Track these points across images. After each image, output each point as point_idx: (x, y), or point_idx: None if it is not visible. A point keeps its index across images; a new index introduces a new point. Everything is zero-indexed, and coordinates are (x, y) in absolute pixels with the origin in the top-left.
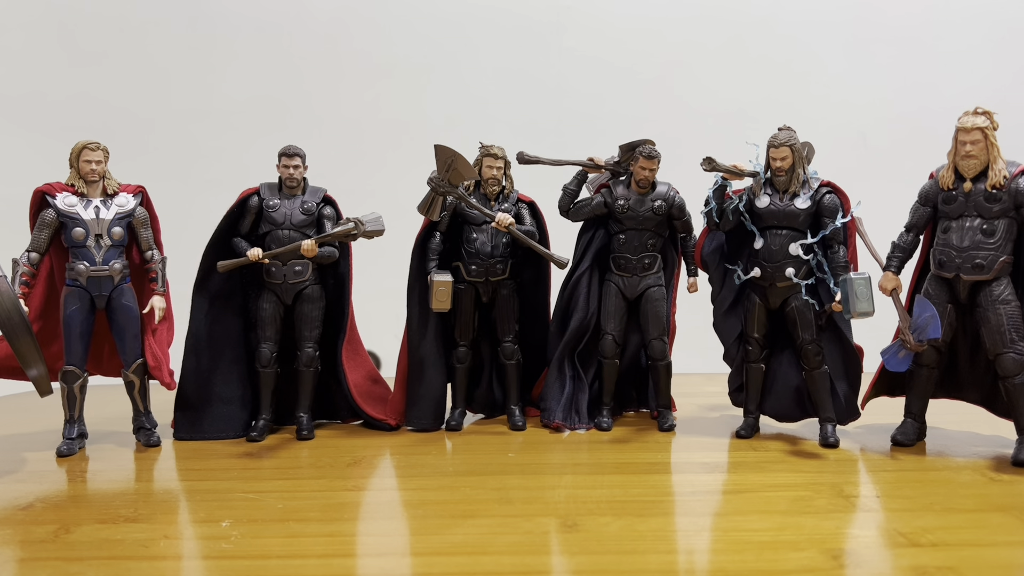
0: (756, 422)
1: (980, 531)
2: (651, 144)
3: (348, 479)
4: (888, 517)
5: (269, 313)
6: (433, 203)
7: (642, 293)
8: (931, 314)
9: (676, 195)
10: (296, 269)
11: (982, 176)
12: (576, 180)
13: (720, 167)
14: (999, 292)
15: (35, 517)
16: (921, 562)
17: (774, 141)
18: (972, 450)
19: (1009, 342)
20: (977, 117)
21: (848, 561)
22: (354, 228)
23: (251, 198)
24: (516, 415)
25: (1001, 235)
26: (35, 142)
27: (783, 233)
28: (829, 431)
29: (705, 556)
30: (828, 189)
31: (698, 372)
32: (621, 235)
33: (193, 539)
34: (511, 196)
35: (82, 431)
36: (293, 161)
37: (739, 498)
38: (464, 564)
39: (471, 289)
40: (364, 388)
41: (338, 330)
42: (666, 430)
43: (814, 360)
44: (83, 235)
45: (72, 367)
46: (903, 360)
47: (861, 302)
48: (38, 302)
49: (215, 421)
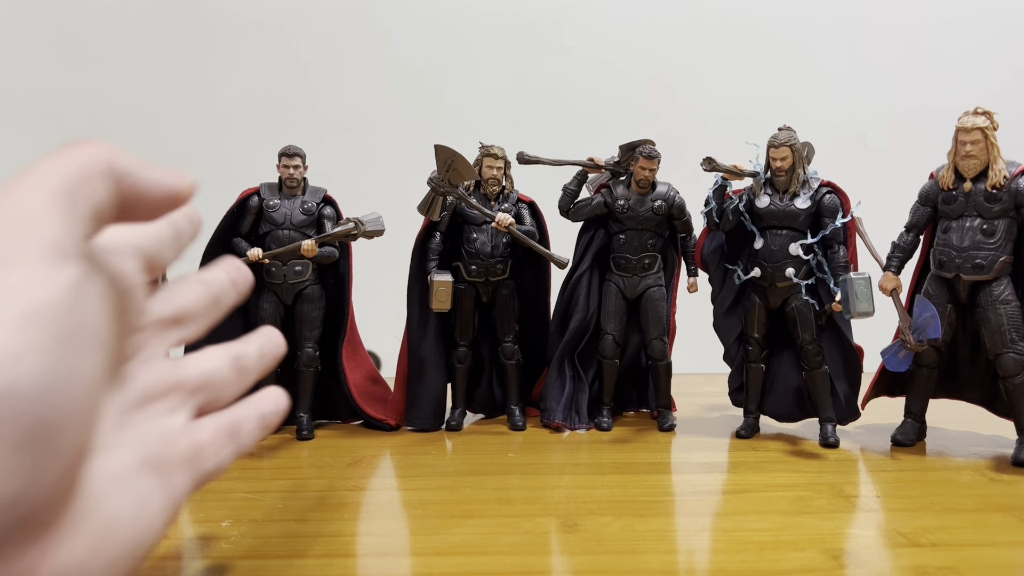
0: (756, 422)
1: (980, 531)
2: (651, 144)
3: (348, 479)
4: (888, 517)
5: (269, 313)
6: (433, 203)
7: (642, 293)
8: (931, 314)
9: (676, 195)
10: (296, 269)
11: (982, 176)
12: (576, 180)
13: (720, 167)
14: (999, 292)
15: None
16: (921, 562)
17: (774, 141)
18: (972, 450)
19: (1009, 342)
20: (977, 117)
21: (848, 561)
22: (354, 228)
23: (251, 198)
24: (516, 415)
25: (1001, 235)
26: (34, 142)
27: (783, 233)
28: (829, 431)
29: (705, 556)
30: (828, 189)
31: (698, 372)
32: (621, 235)
33: (193, 539)
34: (511, 196)
35: None
36: (293, 161)
37: (739, 498)
38: (464, 564)
39: (471, 289)
40: (364, 388)
41: (338, 330)
42: (666, 430)
43: (814, 360)
44: None
45: None
46: (903, 360)
47: (861, 302)
48: None
49: None
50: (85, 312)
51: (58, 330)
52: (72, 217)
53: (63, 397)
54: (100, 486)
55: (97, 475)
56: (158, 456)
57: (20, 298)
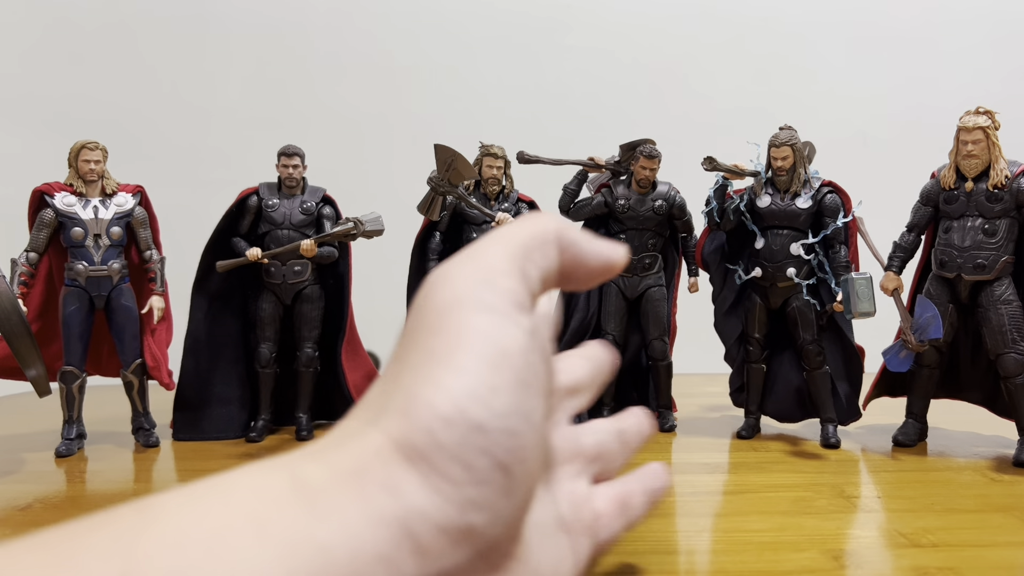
0: (757, 422)
1: (981, 532)
2: (652, 143)
3: None
4: (889, 518)
5: (268, 313)
6: (433, 203)
7: (643, 293)
8: (932, 314)
9: (677, 195)
10: (295, 269)
11: (984, 176)
12: (576, 180)
13: (721, 167)
14: (1000, 292)
15: (34, 518)
16: (922, 563)
17: (775, 140)
18: (973, 450)
19: (1011, 342)
20: (979, 116)
21: (849, 562)
22: (353, 228)
23: (250, 198)
24: None
25: (1003, 235)
26: (34, 142)
27: (784, 233)
28: (830, 431)
29: (706, 557)
30: (829, 189)
31: (699, 372)
32: (622, 235)
33: None
34: (511, 196)
35: (81, 431)
36: (292, 160)
37: (740, 499)
38: None
39: None
40: (364, 388)
41: (338, 330)
42: (667, 430)
43: (815, 360)
44: (82, 235)
45: (71, 367)
46: (904, 360)
47: (862, 302)
48: (37, 302)
49: (214, 422)
50: (535, 362)
51: (520, 374)
52: (525, 276)
53: (522, 438)
54: (531, 535)
55: (530, 524)
56: (568, 518)
57: (488, 341)
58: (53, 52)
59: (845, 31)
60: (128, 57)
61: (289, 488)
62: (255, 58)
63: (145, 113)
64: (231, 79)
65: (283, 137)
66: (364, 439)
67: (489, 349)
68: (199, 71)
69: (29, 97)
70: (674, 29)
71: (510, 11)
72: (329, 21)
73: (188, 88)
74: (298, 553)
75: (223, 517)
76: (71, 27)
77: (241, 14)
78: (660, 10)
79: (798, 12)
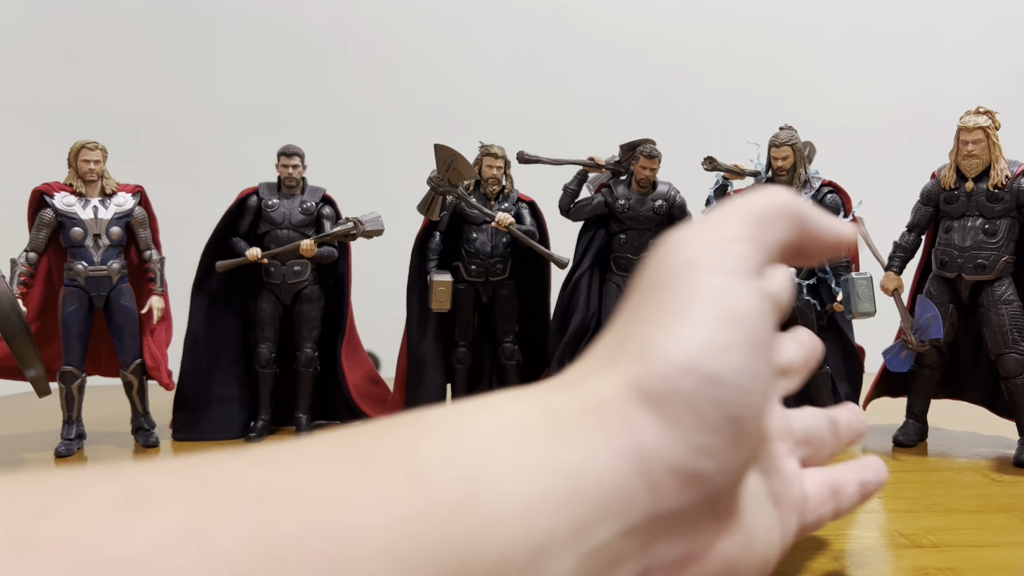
0: None
1: (982, 532)
2: (652, 143)
3: None
4: (890, 518)
5: (268, 313)
6: (433, 203)
7: None
8: (933, 314)
9: (677, 195)
10: (295, 269)
11: (984, 175)
12: (576, 180)
13: (721, 167)
14: (1001, 292)
15: None
16: (923, 563)
17: (775, 140)
18: (974, 451)
19: (1011, 342)
20: (979, 116)
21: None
22: (353, 228)
23: (250, 198)
24: None
25: (1003, 235)
26: (34, 142)
27: None
28: None
29: None
30: (830, 189)
31: None
32: (622, 235)
33: None
34: (511, 196)
35: (81, 432)
36: (292, 160)
37: None
38: None
39: (471, 289)
40: (363, 388)
41: (337, 330)
42: None
43: None
44: (81, 235)
45: (70, 367)
46: (905, 360)
47: (863, 302)
48: (36, 302)
49: (214, 422)
50: (766, 327)
51: (751, 336)
52: (758, 244)
53: (752, 395)
54: (747, 498)
55: (747, 487)
56: (778, 493)
57: (722, 300)
58: (52, 50)
59: (846, 31)
60: (128, 56)
61: (542, 414)
62: (255, 58)
63: (145, 113)
64: (231, 79)
65: (283, 137)
66: (603, 378)
67: (722, 308)
68: (199, 70)
69: (29, 96)
70: (674, 29)
71: (510, 11)
72: (329, 21)
73: (188, 88)
74: (553, 473)
75: (491, 435)
76: (70, 25)
77: (241, 14)
78: (661, 11)
79: (798, 12)
